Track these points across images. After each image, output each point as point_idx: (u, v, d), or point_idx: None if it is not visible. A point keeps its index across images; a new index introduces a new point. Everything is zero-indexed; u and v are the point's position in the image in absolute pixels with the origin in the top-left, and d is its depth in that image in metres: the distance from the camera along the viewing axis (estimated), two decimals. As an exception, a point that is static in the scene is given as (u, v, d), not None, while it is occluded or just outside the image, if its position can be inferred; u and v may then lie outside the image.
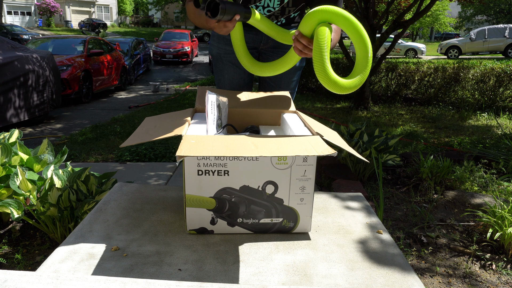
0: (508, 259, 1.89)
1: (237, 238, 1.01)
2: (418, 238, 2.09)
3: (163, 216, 1.12)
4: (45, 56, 5.25)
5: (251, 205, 0.98)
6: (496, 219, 1.96)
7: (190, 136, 0.90)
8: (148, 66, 12.60)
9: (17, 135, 2.09)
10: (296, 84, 1.64)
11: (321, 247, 0.98)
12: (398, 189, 2.77)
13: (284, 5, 1.32)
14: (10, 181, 1.66)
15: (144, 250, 0.94)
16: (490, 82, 6.35)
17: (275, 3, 1.32)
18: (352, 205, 1.24)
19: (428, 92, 6.89)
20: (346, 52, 6.39)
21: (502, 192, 2.56)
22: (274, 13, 1.35)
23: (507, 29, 16.90)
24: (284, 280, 0.86)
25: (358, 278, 0.87)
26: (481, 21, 30.06)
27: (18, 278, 0.67)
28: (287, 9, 1.35)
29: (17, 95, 4.59)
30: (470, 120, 5.66)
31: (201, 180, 0.94)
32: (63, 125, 5.24)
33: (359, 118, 5.61)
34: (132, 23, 42.62)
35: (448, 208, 2.45)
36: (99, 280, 0.69)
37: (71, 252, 0.93)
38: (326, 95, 7.84)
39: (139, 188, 1.31)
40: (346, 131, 3.18)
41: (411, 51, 19.69)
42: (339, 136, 1.12)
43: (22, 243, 1.89)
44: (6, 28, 17.80)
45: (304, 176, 0.96)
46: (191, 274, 0.86)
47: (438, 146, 3.96)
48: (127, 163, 3.29)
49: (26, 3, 31.27)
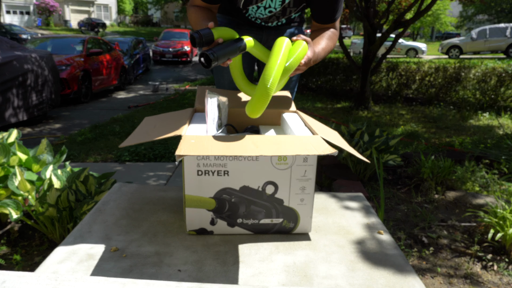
0: (509, 259, 1.88)
1: (237, 239, 1.00)
2: (419, 238, 2.08)
3: (163, 216, 1.11)
4: (44, 55, 5.24)
5: (251, 205, 0.97)
6: (498, 220, 1.95)
7: (190, 136, 0.90)
8: (147, 66, 12.59)
9: (16, 135, 2.09)
10: (296, 84, 1.63)
11: (322, 248, 0.98)
12: (399, 189, 2.77)
13: (286, 5, 1.32)
14: (8, 182, 1.65)
15: (144, 251, 0.94)
16: (492, 82, 6.35)
17: (276, 3, 1.31)
18: (352, 206, 1.23)
19: (429, 92, 6.89)
20: (346, 51, 6.39)
21: (503, 193, 2.55)
22: (275, 13, 1.35)
23: (508, 29, 16.89)
24: (284, 281, 0.85)
25: (358, 279, 0.86)
26: (482, 21, 30.05)
27: (17, 279, 0.67)
28: (288, 10, 1.34)
29: (16, 95, 4.58)
30: (471, 120, 5.65)
31: (201, 180, 0.93)
32: (62, 125, 5.24)
33: (359, 118, 5.60)
34: (131, 23, 42.63)
35: (449, 208, 2.44)
36: (98, 281, 0.68)
37: (70, 253, 0.92)
38: (326, 95, 7.84)
39: (138, 188, 1.30)
40: (346, 131, 3.17)
41: (412, 51, 19.68)
42: (339, 135, 1.11)
43: (20, 244, 1.88)
44: (5, 27, 17.79)
45: (305, 176, 0.95)
46: (190, 275, 0.85)
47: (439, 146, 3.95)
48: (126, 163, 3.28)
49: (25, 2, 31.26)
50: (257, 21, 1.41)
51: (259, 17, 1.37)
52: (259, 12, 1.34)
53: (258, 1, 1.29)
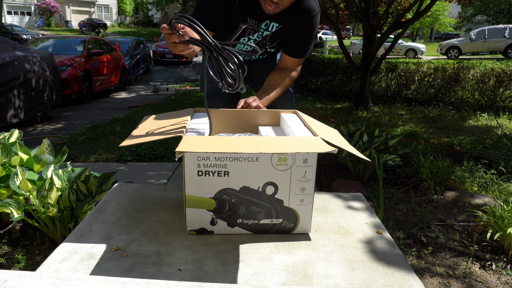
0: (508, 259, 1.89)
1: (237, 238, 1.01)
2: (418, 238, 2.09)
3: (163, 216, 1.12)
4: (45, 56, 5.25)
5: (251, 206, 0.98)
6: (496, 219, 1.96)
7: (190, 137, 0.90)
8: (148, 66, 12.59)
9: (17, 135, 2.09)
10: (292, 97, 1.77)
11: (321, 247, 0.98)
12: (398, 189, 2.77)
13: (263, 37, 1.48)
14: (10, 181, 1.66)
15: (144, 250, 0.94)
16: (490, 82, 6.35)
17: (258, 36, 1.48)
18: (352, 205, 1.24)
19: (428, 92, 6.89)
20: (346, 52, 6.40)
21: (502, 193, 2.56)
22: (258, 43, 1.51)
23: (507, 29, 16.89)
24: (284, 280, 0.86)
25: (358, 278, 0.87)
26: (481, 21, 30.05)
27: (18, 278, 0.67)
28: (264, 42, 1.50)
29: (17, 95, 4.59)
30: (470, 120, 5.66)
31: (201, 180, 0.94)
32: (63, 125, 5.24)
33: (359, 118, 5.61)
34: (132, 23, 42.61)
35: (448, 208, 2.45)
36: (98, 280, 0.68)
37: (71, 252, 0.93)
38: (326, 96, 7.84)
39: (139, 188, 1.31)
40: (346, 131, 3.18)
41: (411, 51, 19.68)
42: (339, 134, 1.11)
43: (22, 243, 1.89)
44: (6, 28, 17.79)
45: (305, 177, 0.96)
46: (191, 274, 0.86)
47: (438, 146, 3.96)
48: (127, 163, 3.29)
49: (26, 3, 31.26)
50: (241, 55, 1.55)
51: (245, 50, 1.56)
52: (247, 45, 1.51)
53: (250, 33, 1.45)
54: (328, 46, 19.23)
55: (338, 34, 6.42)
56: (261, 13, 1.37)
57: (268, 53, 1.62)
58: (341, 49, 6.40)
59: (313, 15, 1.40)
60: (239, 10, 1.37)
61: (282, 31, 1.44)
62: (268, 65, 1.70)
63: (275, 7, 1.28)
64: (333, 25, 6.47)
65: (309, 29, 1.43)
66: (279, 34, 1.46)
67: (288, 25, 1.42)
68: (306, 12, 1.39)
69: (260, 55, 1.62)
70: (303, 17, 1.39)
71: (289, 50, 1.48)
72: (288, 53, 1.49)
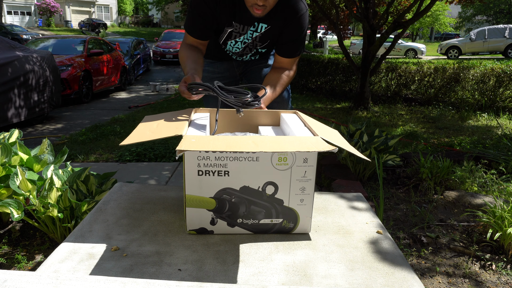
0: (508, 259, 1.89)
1: (237, 238, 1.01)
2: (418, 238, 2.09)
3: (163, 216, 1.12)
4: (45, 56, 5.25)
5: (251, 205, 0.98)
6: (496, 219, 1.96)
7: (190, 136, 0.90)
8: (148, 66, 12.59)
9: (17, 135, 2.09)
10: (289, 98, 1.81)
11: (321, 247, 0.98)
12: (398, 189, 2.77)
13: (253, 38, 1.51)
14: (10, 181, 1.66)
15: (144, 250, 0.94)
16: (490, 83, 6.35)
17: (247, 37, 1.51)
18: (352, 205, 1.24)
19: (428, 93, 6.89)
20: (346, 52, 6.39)
21: (502, 193, 2.56)
22: (248, 44, 1.53)
23: (507, 29, 16.90)
24: (284, 280, 0.86)
25: (358, 278, 0.87)
26: (481, 21, 30.06)
27: (18, 278, 0.67)
28: (254, 43, 1.53)
29: (17, 95, 4.59)
30: (470, 121, 5.66)
31: (201, 180, 0.94)
32: (63, 125, 5.24)
33: (359, 118, 5.61)
34: (132, 23, 42.62)
35: (448, 208, 2.45)
36: (98, 280, 0.68)
37: (71, 252, 0.93)
38: (326, 96, 7.84)
39: (139, 188, 1.31)
40: (346, 131, 3.18)
41: (411, 51, 19.68)
42: (339, 134, 1.11)
43: (22, 243, 1.89)
44: (6, 28, 17.79)
45: (305, 177, 0.96)
46: (191, 274, 0.86)
47: (438, 146, 3.96)
48: (127, 163, 3.29)
49: (26, 3, 31.26)
50: (233, 56, 1.65)
51: (235, 52, 1.59)
52: (235, 47, 1.55)
53: (237, 36, 1.49)
54: (328, 46, 19.22)
55: (338, 34, 6.42)
56: (247, 16, 1.40)
57: (260, 54, 1.65)
58: (341, 49, 6.40)
59: (300, 14, 1.42)
60: (224, 14, 1.41)
61: (271, 31, 1.47)
62: (262, 65, 1.73)
63: (263, 9, 1.31)
64: (333, 25, 6.47)
65: (298, 29, 1.44)
66: (269, 34, 1.48)
67: (277, 26, 1.45)
68: (293, 12, 1.41)
69: (252, 56, 1.65)
70: (290, 17, 1.42)
71: (282, 51, 1.51)
72: (281, 54, 1.51)
